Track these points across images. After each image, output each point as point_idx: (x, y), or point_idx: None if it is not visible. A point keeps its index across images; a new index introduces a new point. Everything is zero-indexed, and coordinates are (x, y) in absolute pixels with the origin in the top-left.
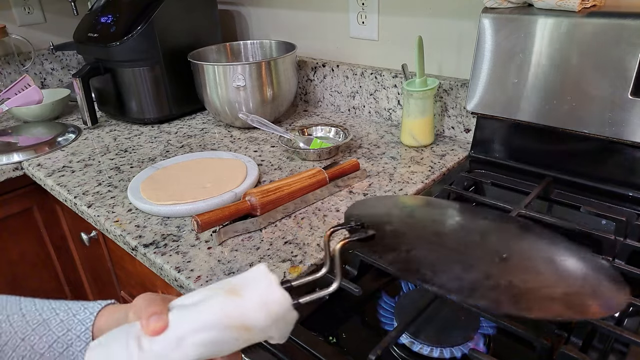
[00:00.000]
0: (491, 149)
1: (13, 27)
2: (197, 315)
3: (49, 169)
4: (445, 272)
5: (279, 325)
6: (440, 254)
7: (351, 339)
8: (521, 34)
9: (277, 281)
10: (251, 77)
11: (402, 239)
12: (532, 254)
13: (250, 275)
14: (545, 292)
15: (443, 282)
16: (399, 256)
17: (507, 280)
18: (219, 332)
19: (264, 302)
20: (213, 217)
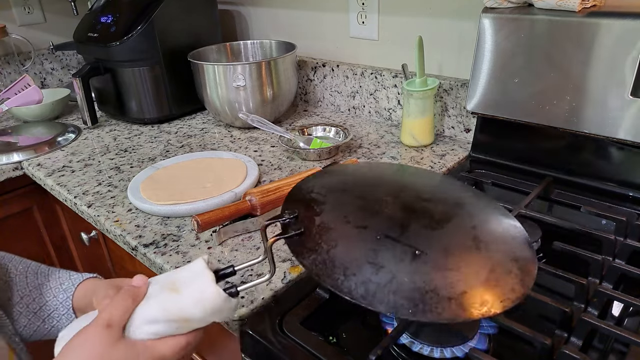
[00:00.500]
0: (491, 149)
1: (13, 27)
2: (143, 311)
3: (49, 168)
4: (355, 276)
5: (217, 314)
6: (356, 253)
7: (351, 339)
8: (521, 34)
9: (212, 278)
10: (251, 77)
11: (327, 236)
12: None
13: (190, 271)
14: (445, 292)
15: (350, 289)
16: (317, 258)
17: (412, 282)
18: (163, 326)
19: (198, 299)
20: (213, 217)
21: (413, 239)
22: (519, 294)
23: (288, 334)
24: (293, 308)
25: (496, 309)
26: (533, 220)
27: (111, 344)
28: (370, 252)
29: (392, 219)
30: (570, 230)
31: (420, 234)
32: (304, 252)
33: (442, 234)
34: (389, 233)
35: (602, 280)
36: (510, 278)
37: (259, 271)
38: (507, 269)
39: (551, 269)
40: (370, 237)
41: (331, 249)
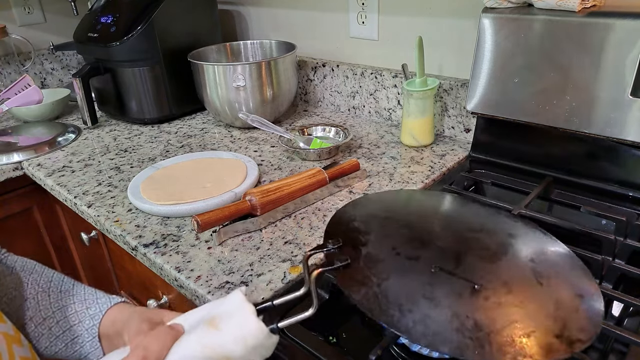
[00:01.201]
0: (491, 149)
1: (13, 27)
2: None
3: (49, 169)
4: (412, 312)
5: (258, 351)
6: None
7: (351, 339)
8: (521, 34)
9: (253, 312)
10: (251, 77)
11: (375, 268)
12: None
13: (228, 305)
14: (511, 332)
15: (409, 327)
16: (368, 292)
17: (473, 320)
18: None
19: (241, 335)
20: (213, 217)
21: (469, 273)
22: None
23: (288, 334)
24: (293, 308)
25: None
26: (533, 220)
27: None
28: (426, 286)
29: (444, 250)
30: (570, 230)
31: (476, 267)
32: (352, 285)
33: (499, 267)
34: (443, 265)
35: (602, 280)
36: (577, 316)
37: None
38: (574, 306)
39: None
40: (424, 269)
41: (382, 281)
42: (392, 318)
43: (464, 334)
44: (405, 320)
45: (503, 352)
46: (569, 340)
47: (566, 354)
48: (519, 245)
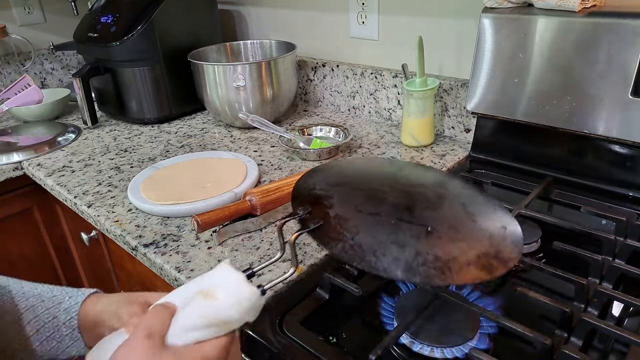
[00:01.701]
0: (491, 149)
1: (13, 27)
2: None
3: (49, 168)
4: (385, 256)
5: (252, 312)
6: (378, 237)
7: (351, 339)
8: (521, 34)
9: (244, 278)
10: (251, 77)
11: (346, 225)
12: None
13: (219, 275)
14: (463, 259)
15: (385, 267)
16: (345, 245)
17: (433, 255)
18: (202, 331)
19: (236, 300)
20: (213, 217)
21: (422, 219)
22: (517, 254)
23: (288, 334)
24: (293, 308)
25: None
26: (533, 220)
27: (156, 353)
28: (391, 235)
29: (397, 204)
30: (570, 230)
31: (425, 214)
32: (330, 242)
33: (442, 213)
34: (400, 216)
35: (602, 280)
36: (505, 242)
37: None
38: (502, 235)
39: (551, 269)
40: (386, 221)
41: (355, 235)
42: (370, 262)
43: (428, 266)
44: (381, 263)
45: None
46: (503, 260)
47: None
48: (449, 194)
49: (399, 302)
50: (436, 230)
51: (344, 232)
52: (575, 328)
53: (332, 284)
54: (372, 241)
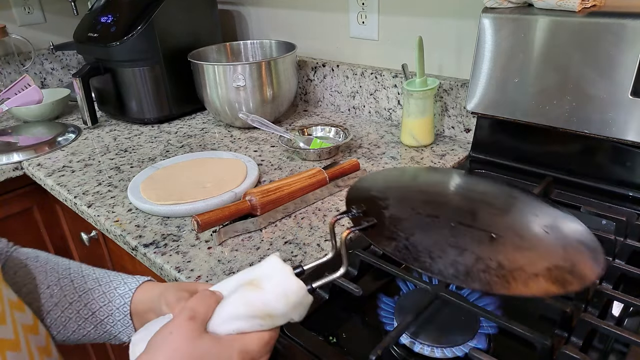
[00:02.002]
0: (491, 149)
1: (13, 27)
2: (225, 308)
3: (49, 168)
4: (442, 258)
5: (298, 309)
6: (435, 238)
7: (351, 339)
8: (521, 34)
9: (292, 271)
10: (251, 77)
11: (401, 225)
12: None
13: (267, 267)
14: (531, 269)
15: (441, 269)
16: (399, 245)
17: (496, 261)
18: (246, 322)
19: (283, 292)
20: (213, 217)
21: (485, 225)
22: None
23: (288, 334)
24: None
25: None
26: None
27: (196, 336)
28: (450, 237)
29: (459, 209)
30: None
31: (490, 221)
32: (383, 241)
33: (510, 220)
34: (461, 220)
35: (602, 280)
36: (583, 257)
37: None
38: (579, 250)
39: None
40: (445, 224)
41: (410, 236)
42: (425, 264)
43: (490, 273)
44: (437, 265)
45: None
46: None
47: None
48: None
49: (399, 302)
50: (501, 237)
51: (398, 231)
52: (575, 328)
53: (332, 284)
54: (428, 242)
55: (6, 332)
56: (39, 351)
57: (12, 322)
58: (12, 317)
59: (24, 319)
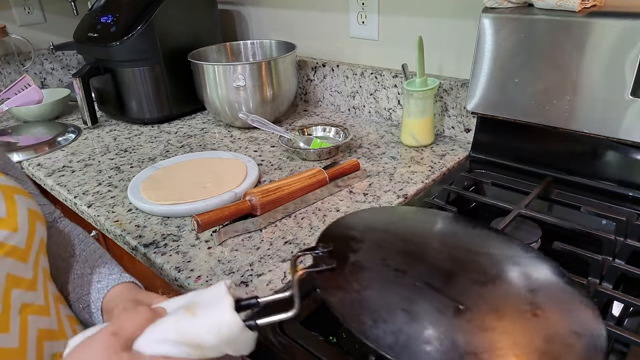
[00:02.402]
0: (491, 149)
1: (13, 27)
2: (155, 329)
3: (49, 168)
4: (386, 323)
5: (232, 345)
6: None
7: (351, 339)
8: (521, 34)
9: (231, 304)
10: (251, 77)
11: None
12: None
13: (211, 293)
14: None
15: (378, 337)
16: (345, 298)
17: (449, 340)
18: (173, 347)
19: (215, 324)
20: (213, 217)
21: (457, 293)
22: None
23: (288, 334)
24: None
25: None
26: (533, 220)
27: (112, 352)
28: (406, 300)
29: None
30: (570, 230)
31: (466, 288)
32: (331, 289)
33: (492, 292)
34: (430, 281)
35: (602, 280)
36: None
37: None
38: (568, 343)
39: None
40: (409, 283)
41: (363, 289)
42: (363, 326)
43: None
44: (376, 330)
45: None
46: None
47: None
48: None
49: None
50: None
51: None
52: None
53: None
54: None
55: (37, 298)
56: (69, 320)
57: (44, 289)
58: (45, 284)
59: (54, 290)
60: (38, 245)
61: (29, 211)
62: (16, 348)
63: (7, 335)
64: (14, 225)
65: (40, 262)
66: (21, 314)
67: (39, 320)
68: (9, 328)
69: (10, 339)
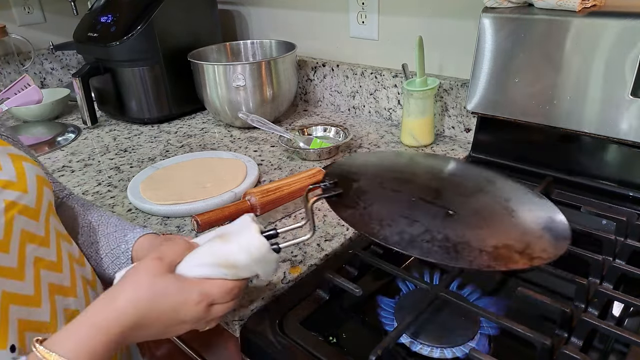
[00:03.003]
0: (491, 149)
1: (13, 27)
2: (193, 255)
3: (49, 168)
4: (391, 227)
5: (261, 264)
6: (391, 209)
7: (351, 339)
8: (521, 34)
9: (257, 229)
10: (251, 76)
11: (364, 196)
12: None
13: (238, 224)
14: (477, 244)
15: (386, 236)
16: (355, 213)
17: (443, 234)
18: (211, 269)
19: (246, 246)
20: (213, 217)
21: (446, 202)
22: (550, 255)
23: (288, 334)
24: (293, 308)
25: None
26: None
27: (159, 274)
28: (405, 210)
29: (426, 186)
30: (571, 230)
31: (453, 199)
32: (342, 208)
33: (475, 201)
34: (423, 196)
35: (603, 280)
36: (541, 241)
37: None
38: (539, 234)
39: (551, 269)
40: (405, 198)
41: (368, 206)
42: (373, 229)
43: (434, 243)
44: (383, 232)
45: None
46: (529, 256)
47: (524, 265)
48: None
49: (399, 302)
50: (458, 214)
51: (359, 201)
52: (576, 328)
53: (332, 284)
54: (383, 212)
55: (49, 254)
56: (83, 281)
57: (56, 246)
58: (58, 243)
59: (70, 249)
60: (47, 207)
61: (37, 177)
62: (32, 296)
63: (23, 283)
64: (24, 187)
65: (51, 221)
66: (35, 266)
67: (51, 275)
68: (25, 277)
69: (27, 287)
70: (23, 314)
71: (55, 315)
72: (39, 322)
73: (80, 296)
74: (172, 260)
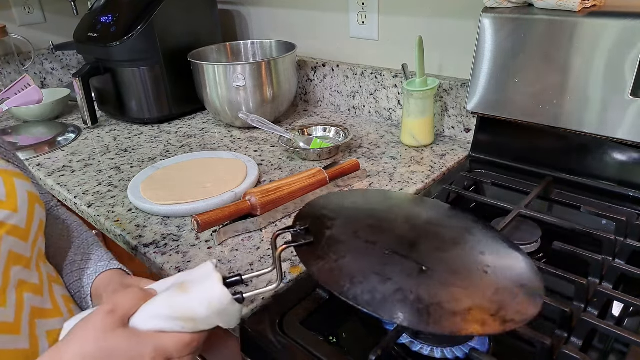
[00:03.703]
0: (491, 149)
1: (13, 27)
2: (149, 306)
3: (49, 168)
4: (362, 284)
5: (222, 316)
6: (363, 264)
7: (351, 339)
8: (521, 34)
9: (219, 279)
10: (251, 77)
11: (336, 247)
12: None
13: (199, 272)
14: (449, 306)
15: (356, 295)
16: (325, 266)
17: (416, 295)
18: (167, 322)
19: (206, 298)
20: (213, 217)
21: (421, 257)
22: (524, 317)
23: (288, 334)
24: (293, 308)
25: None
26: (533, 220)
27: (111, 329)
28: (378, 265)
29: (402, 237)
30: (570, 230)
31: (428, 254)
32: (311, 260)
33: (450, 256)
34: (397, 250)
35: (602, 280)
36: (515, 302)
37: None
38: (513, 294)
39: (551, 269)
40: (379, 251)
41: (339, 259)
42: (343, 288)
43: (405, 304)
44: (354, 290)
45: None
46: (502, 319)
47: (498, 330)
48: (473, 240)
49: None
50: (432, 271)
51: (330, 253)
52: (576, 328)
53: None
54: (355, 267)
55: (31, 277)
56: (65, 299)
57: (37, 268)
58: (38, 264)
59: (48, 270)
60: (37, 226)
61: (29, 194)
62: (11, 323)
63: (4, 309)
64: (14, 206)
65: (38, 242)
66: (17, 290)
67: (33, 299)
68: (6, 303)
69: (7, 313)
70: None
71: (36, 341)
72: (17, 350)
73: (65, 313)
74: (126, 312)
